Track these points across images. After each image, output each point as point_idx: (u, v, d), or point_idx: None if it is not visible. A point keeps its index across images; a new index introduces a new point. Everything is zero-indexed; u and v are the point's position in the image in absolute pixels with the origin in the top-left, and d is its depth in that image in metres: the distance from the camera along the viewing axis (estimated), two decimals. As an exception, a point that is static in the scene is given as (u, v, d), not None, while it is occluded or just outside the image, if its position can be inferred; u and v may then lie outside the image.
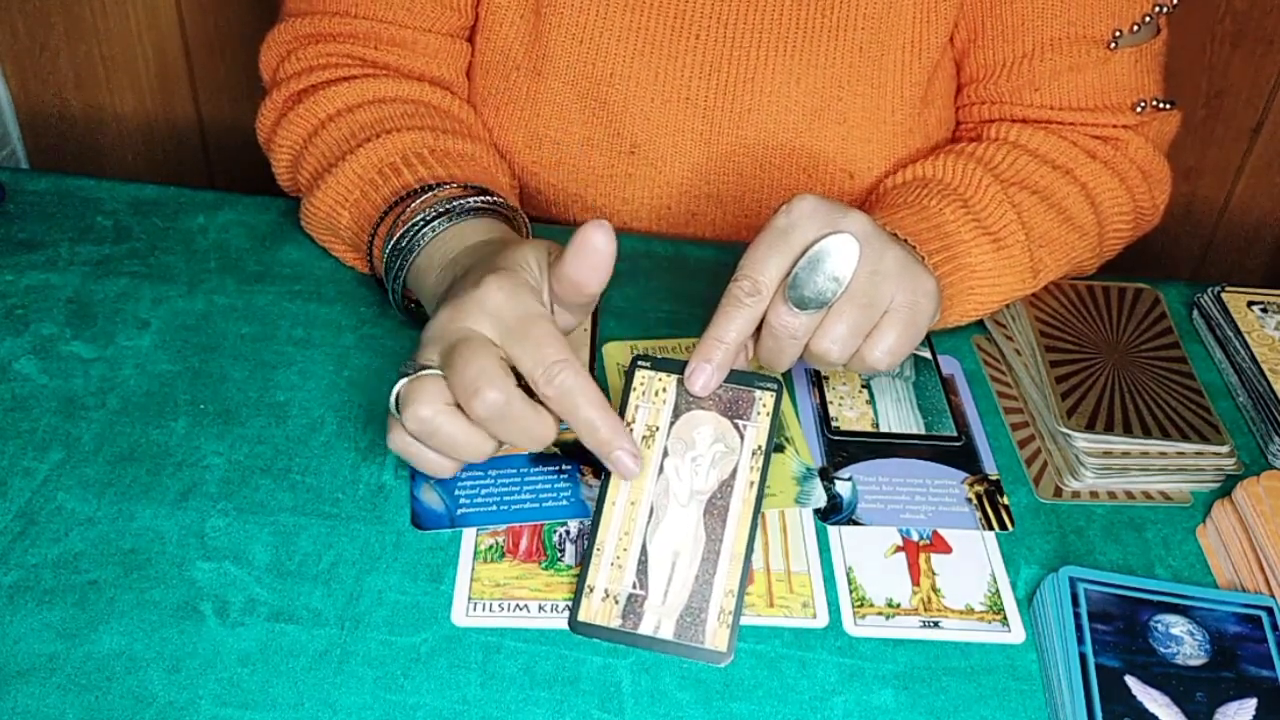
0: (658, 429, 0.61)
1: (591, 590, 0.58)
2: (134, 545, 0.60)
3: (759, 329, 0.61)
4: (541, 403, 0.56)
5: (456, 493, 0.64)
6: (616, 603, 0.58)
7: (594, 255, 0.56)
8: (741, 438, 0.61)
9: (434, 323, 0.59)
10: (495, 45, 0.82)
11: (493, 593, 0.59)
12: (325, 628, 0.57)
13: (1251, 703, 0.54)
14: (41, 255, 0.78)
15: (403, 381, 0.56)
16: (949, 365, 0.75)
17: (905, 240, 0.68)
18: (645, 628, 0.57)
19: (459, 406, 0.56)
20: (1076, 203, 0.77)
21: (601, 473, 0.60)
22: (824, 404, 0.71)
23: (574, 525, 0.62)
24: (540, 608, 0.58)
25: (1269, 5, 1.21)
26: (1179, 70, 0.99)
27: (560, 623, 0.58)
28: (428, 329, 0.59)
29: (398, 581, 0.59)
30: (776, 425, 0.61)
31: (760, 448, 0.60)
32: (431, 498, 0.63)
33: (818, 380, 0.72)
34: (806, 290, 0.58)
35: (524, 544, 0.61)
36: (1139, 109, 0.79)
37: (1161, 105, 0.81)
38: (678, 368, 0.61)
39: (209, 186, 1.45)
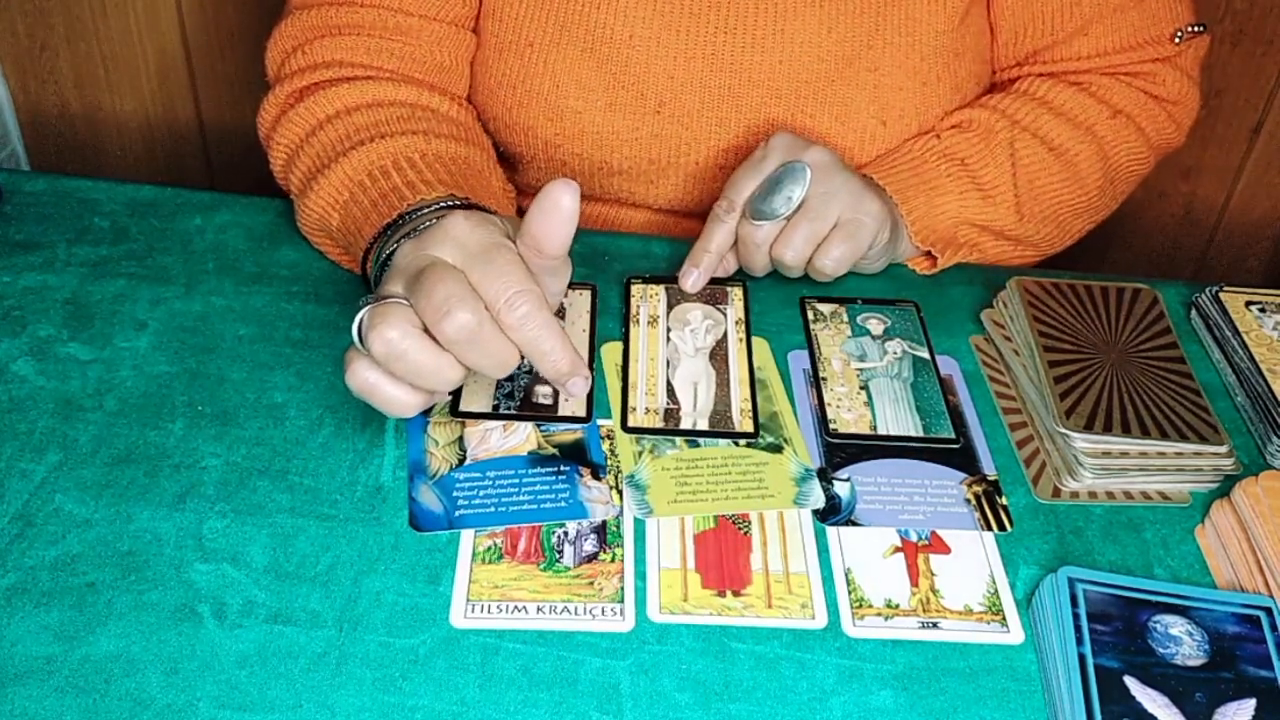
0: (658, 317, 0.76)
1: (634, 409, 0.69)
2: (132, 547, 0.60)
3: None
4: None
5: (455, 494, 0.64)
6: (658, 414, 0.69)
7: (556, 212, 0.56)
8: (724, 315, 0.76)
9: (398, 256, 0.59)
10: (507, 26, 0.82)
11: (491, 594, 0.59)
12: (323, 629, 0.57)
13: (1250, 703, 0.54)
14: (39, 256, 0.78)
15: (366, 308, 0.56)
16: (947, 366, 0.75)
17: (873, 179, 0.80)
18: (684, 426, 0.68)
19: (426, 333, 0.56)
20: (1085, 155, 0.84)
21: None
22: (822, 405, 0.71)
23: (572, 526, 0.62)
24: (539, 609, 0.58)
25: (1269, 5, 1.21)
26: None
27: (560, 624, 0.58)
28: (392, 264, 0.59)
29: (396, 583, 0.59)
30: (750, 309, 0.77)
31: (741, 320, 0.76)
32: (430, 499, 0.63)
33: (816, 382, 0.72)
34: (764, 206, 0.74)
35: (522, 545, 0.61)
36: (1177, 38, 0.85)
37: (1195, 29, 0.86)
38: (666, 279, 0.78)
39: (209, 187, 1.45)
